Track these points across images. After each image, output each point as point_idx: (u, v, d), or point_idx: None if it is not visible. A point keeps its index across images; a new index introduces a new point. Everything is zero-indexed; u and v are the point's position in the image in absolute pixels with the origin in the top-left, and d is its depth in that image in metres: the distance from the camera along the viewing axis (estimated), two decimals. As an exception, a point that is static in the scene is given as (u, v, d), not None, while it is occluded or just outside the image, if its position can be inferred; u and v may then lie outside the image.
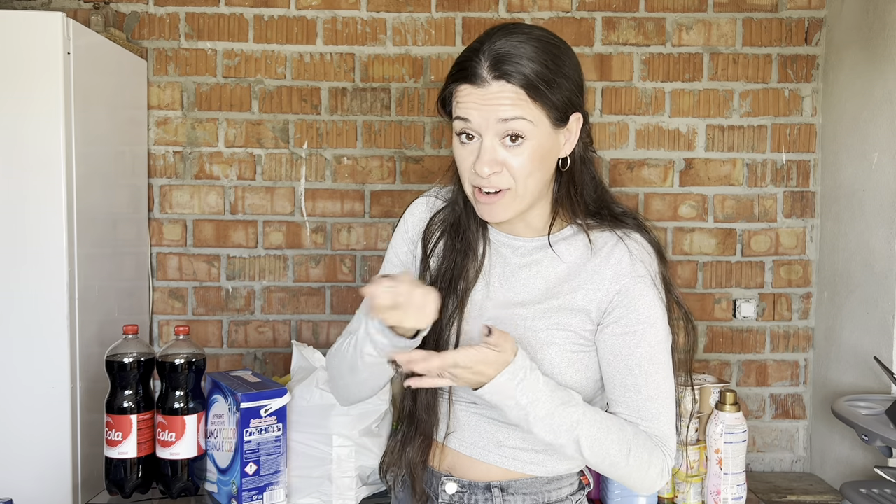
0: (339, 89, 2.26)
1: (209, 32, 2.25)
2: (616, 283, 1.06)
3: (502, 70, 0.99)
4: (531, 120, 1.00)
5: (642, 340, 1.05)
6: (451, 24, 2.25)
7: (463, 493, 1.12)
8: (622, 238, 1.08)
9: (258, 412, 1.52)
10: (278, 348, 2.30)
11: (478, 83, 1.00)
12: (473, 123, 1.01)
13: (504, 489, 1.10)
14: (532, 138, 1.01)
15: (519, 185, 1.02)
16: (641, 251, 1.07)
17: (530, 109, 1.00)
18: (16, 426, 1.69)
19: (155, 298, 2.27)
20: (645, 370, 1.05)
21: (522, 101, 0.99)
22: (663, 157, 2.28)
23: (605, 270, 1.06)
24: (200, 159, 2.27)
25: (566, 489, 1.13)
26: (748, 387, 2.30)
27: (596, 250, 1.08)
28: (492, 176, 1.02)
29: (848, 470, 2.04)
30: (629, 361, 1.05)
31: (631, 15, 2.26)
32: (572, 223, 1.12)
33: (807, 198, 2.28)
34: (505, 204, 1.04)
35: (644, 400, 1.05)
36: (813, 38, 2.26)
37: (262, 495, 1.53)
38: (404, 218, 1.22)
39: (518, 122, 0.99)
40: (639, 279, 1.05)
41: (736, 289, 2.29)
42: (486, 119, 1.00)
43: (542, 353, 1.06)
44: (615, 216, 1.11)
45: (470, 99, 1.01)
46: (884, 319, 1.90)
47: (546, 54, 1.01)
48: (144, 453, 1.63)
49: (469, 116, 1.01)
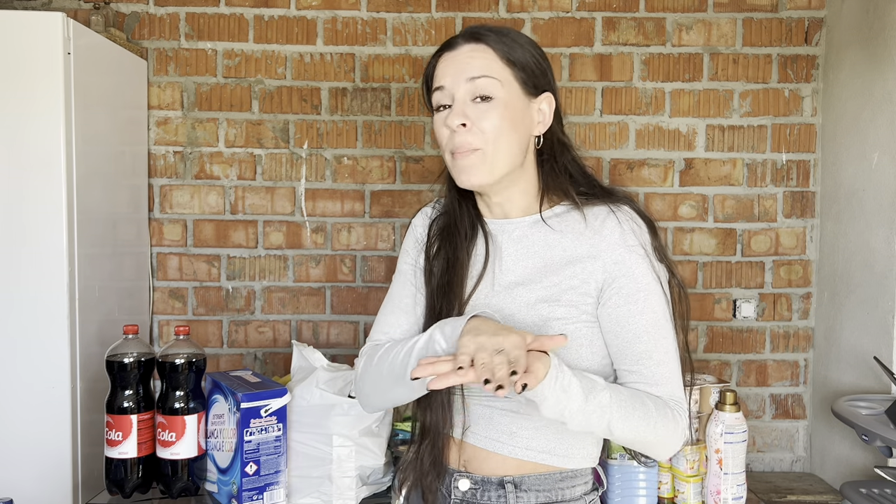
0: (340, 89, 2.26)
1: (209, 32, 2.25)
2: (611, 255, 1.08)
3: (474, 34, 1.10)
4: (499, 79, 1.07)
5: (646, 307, 1.07)
6: (451, 24, 2.25)
7: (476, 489, 1.12)
8: (612, 210, 1.11)
9: (258, 412, 1.52)
10: (278, 348, 2.30)
11: (452, 47, 1.11)
12: (447, 87, 1.08)
13: (517, 485, 1.10)
14: (501, 97, 1.07)
15: (489, 146, 1.07)
16: (631, 222, 1.10)
17: (499, 68, 1.07)
18: (16, 426, 1.69)
19: (155, 298, 2.27)
20: (652, 336, 1.07)
21: (490, 59, 1.07)
22: (663, 157, 2.28)
23: (599, 243, 1.09)
24: (200, 159, 2.27)
25: (580, 488, 1.14)
26: (748, 387, 2.30)
27: (590, 223, 1.10)
28: (462, 131, 1.06)
29: (848, 470, 2.04)
30: (636, 329, 1.07)
31: (631, 15, 2.26)
32: (563, 201, 1.15)
33: (807, 198, 2.28)
34: (477, 163, 1.07)
35: (656, 365, 1.07)
36: (813, 38, 2.26)
37: (262, 495, 1.53)
38: (412, 225, 1.27)
39: (485, 81, 1.07)
40: (631, 249, 1.08)
41: (736, 289, 2.29)
42: (457, 79, 1.07)
43: (546, 330, 1.07)
44: (606, 190, 1.15)
45: (444, 64, 1.10)
46: (884, 319, 1.90)
47: (518, 33, 1.12)
48: (144, 453, 1.63)
49: (443, 82, 1.09)
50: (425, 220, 1.25)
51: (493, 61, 1.07)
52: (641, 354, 1.07)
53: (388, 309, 1.22)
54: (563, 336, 0.98)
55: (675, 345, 1.09)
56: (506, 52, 1.08)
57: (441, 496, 1.15)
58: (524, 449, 1.10)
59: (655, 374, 1.07)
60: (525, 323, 1.08)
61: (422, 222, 1.25)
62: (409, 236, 1.26)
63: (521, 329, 1.02)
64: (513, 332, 0.95)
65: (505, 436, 1.11)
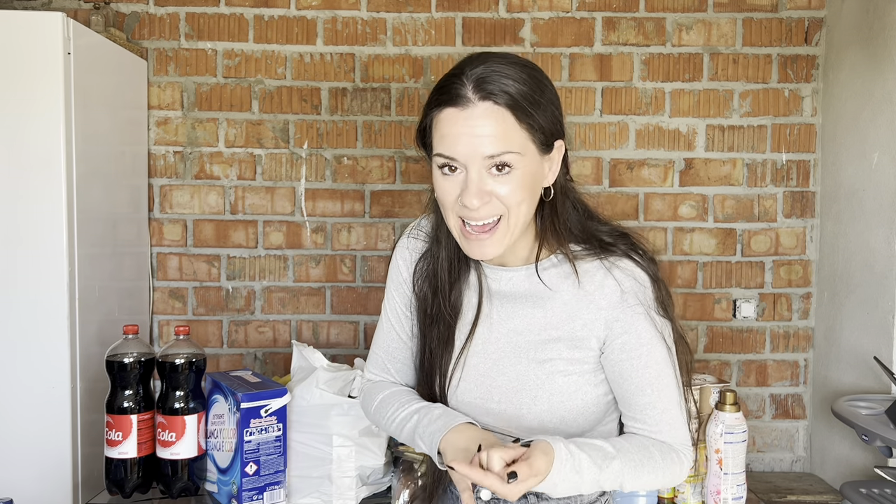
0: (339, 89, 2.26)
1: (209, 32, 2.25)
2: (612, 312, 1.05)
3: (487, 90, 0.95)
4: (518, 151, 0.97)
5: (649, 361, 1.06)
6: (451, 24, 2.25)
7: (498, 499, 1.11)
8: (610, 269, 1.05)
9: (258, 412, 1.52)
10: (278, 348, 2.30)
11: (461, 104, 0.96)
12: (459, 159, 0.97)
13: (539, 496, 1.11)
14: (520, 167, 0.98)
15: (511, 213, 0.99)
16: (632, 282, 1.05)
17: (518, 137, 0.97)
18: (16, 426, 1.69)
19: (155, 298, 2.27)
20: (656, 388, 1.06)
21: (508, 126, 0.96)
22: (663, 157, 2.28)
23: (599, 300, 1.05)
24: (200, 159, 2.27)
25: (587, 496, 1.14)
26: (748, 387, 2.30)
27: (583, 281, 1.06)
28: (481, 208, 0.98)
29: (848, 470, 2.04)
30: (640, 382, 1.06)
31: (631, 15, 2.26)
32: (558, 252, 1.10)
33: (807, 198, 2.28)
34: (498, 237, 1.00)
35: (660, 413, 1.07)
36: (813, 38, 2.26)
37: (262, 495, 1.53)
38: (395, 263, 1.20)
39: (505, 157, 0.96)
40: (632, 308, 1.05)
41: (736, 289, 2.29)
42: (472, 156, 0.96)
43: (548, 383, 1.06)
44: (603, 244, 1.08)
45: (454, 125, 0.96)
46: (884, 319, 1.90)
47: (528, 77, 0.98)
48: (144, 453, 1.63)
49: (454, 154, 0.97)
50: (408, 259, 1.17)
51: (512, 129, 0.96)
52: (646, 406, 1.07)
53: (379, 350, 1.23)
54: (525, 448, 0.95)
55: (678, 390, 1.08)
56: (524, 113, 0.96)
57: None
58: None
59: (660, 423, 1.07)
60: (528, 375, 1.07)
61: (405, 261, 1.18)
62: (391, 275, 1.20)
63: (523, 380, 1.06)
64: (492, 457, 0.92)
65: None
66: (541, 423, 1.07)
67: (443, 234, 1.11)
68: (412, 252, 1.17)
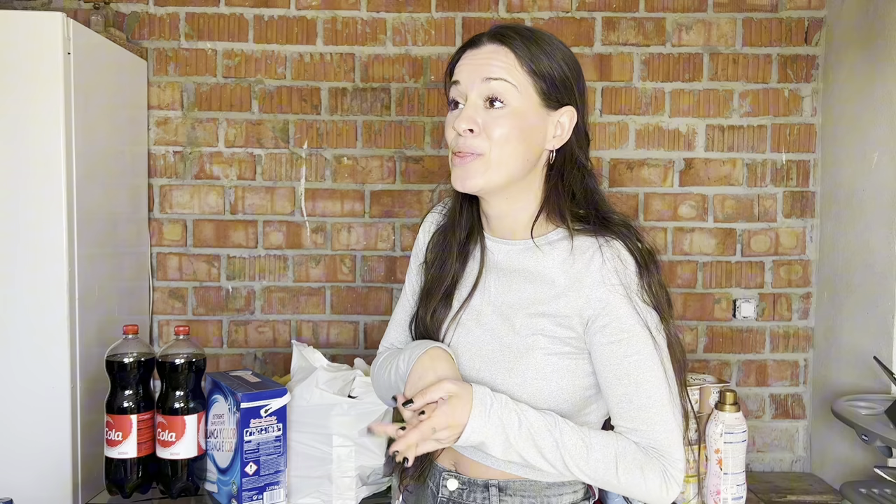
0: (339, 89, 2.26)
1: (209, 32, 2.25)
2: (594, 291, 1.04)
3: (499, 33, 1.06)
4: (515, 84, 1.04)
5: (629, 349, 1.03)
6: (451, 25, 2.25)
7: (462, 489, 1.13)
8: (601, 246, 1.05)
9: (258, 412, 1.52)
10: (278, 348, 2.30)
11: (475, 45, 1.07)
12: (462, 84, 1.06)
13: (502, 489, 1.10)
14: (514, 104, 1.04)
15: (493, 152, 1.04)
16: (615, 260, 1.04)
17: (518, 74, 1.04)
18: (16, 426, 1.69)
19: (155, 298, 2.27)
20: (634, 379, 1.03)
21: (510, 64, 1.04)
22: (663, 157, 2.28)
23: (584, 278, 1.05)
24: (200, 159, 2.27)
25: (567, 497, 1.12)
26: (748, 387, 2.30)
27: (577, 256, 1.06)
28: (468, 135, 1.04)
29: (848, 470, 2.04)
30: (618, 371, 1.04)
31: (631, 15, 2.26)
32: (560, 226, 1.10)
33: (807, 198, 2.28)
34: (475, 169, 1.05)
35: (637, 409, 1.04)
36: (813, 38, 2.26)
37: (262, 495, 1.53)
38: (417, 238, 1.27)
39: (501, 84, 1.03)
40: (612, 289, 1.03)
41: (736, 289, 2.29)
42: (473, 78, 1.05)
43: (526, 357, 1.06)
44: (605, 221, 1.08)
45: (465, 60, 1.07)
46: (884, 319, 1.90)
47: (543, 35, 1.08)
48: (144, 453, 1.63)
49: (459, 77, 1.06)
50: (430, 226, 1.25)
51: (514, 67, 1.04)
52: (622, 396, 1.04)
53: (393, 320, 1.30)
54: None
55: (663, 391, 1.04)
56: (529, 59, 1.04)
57: (430, 493, 1.16)
58: (507, 463, 1.10)
59: (636, 419, 1.04)
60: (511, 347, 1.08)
61: (427, 227, 1.26)
62: (415, 247, 1.28)
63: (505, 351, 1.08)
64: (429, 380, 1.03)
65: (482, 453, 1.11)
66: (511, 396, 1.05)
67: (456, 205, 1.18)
68: (432, 224, 1.25)
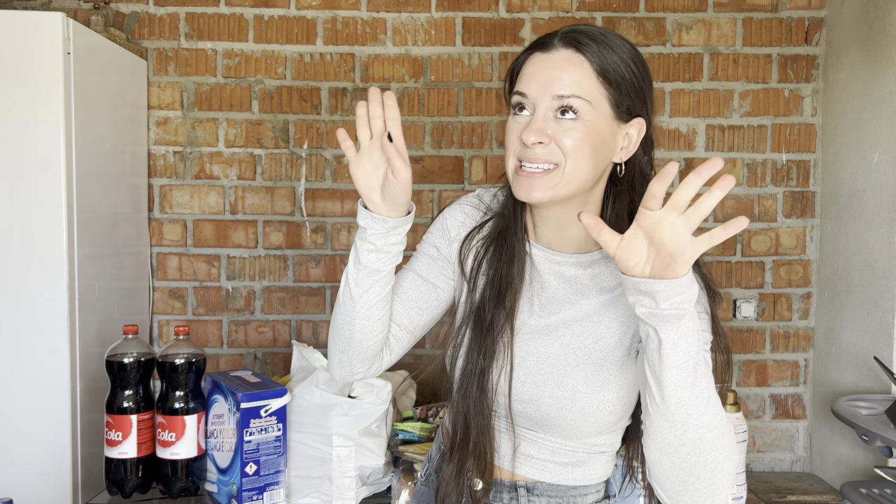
0: (339, 89, 2.26)
1: (209, 32, 2.25)
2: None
3: (572, 38, 0.99)
4: (589, 100, 0.96)
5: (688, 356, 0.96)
6: (451, 24, 2.25)
7: (489, 489, 1.12)
8: None
9: (258, 412, 1.52)
10: (278, 348, 2.30)
11: (546, 49, 1.00)
12: (530, 97, 0.98)
13: (530, 489, 1.11)
14: (587, 118, 0.97)
15: (568, 164, 0.97)
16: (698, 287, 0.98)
17: (591, 86, 0.97)
18: (16, 426, 1.69)
19: (155, 298, 2.27)
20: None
21: (584, 74, 0.97)
22: (663, 157, 2.28)
23: None
24: (200, 159, 2.27)
25: (591, 496, 1.13)
26: (748, 387, 2.30)
27: None
28: (538, 147, 0.97)
29: (848, 470, 2.04)
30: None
31: (631, 15, 2.26)
32: None
33: (807, 198, 2.28)
34: (546, 181, 0.98)
35: None
36: (813, 38, 2.26)
37: (262, 495, 1.53)
38: (444, 217, 1.17)
39: (574, 101, 0.96)
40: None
41: (736, 289, 2.29)
42: (542, 92, 0.97)
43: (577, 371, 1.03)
44: None
45: (534, 66, 0.99)
46: (884, 319, 1.90)
47: (616, 39, 1.00)
48: (144, 453, 1.63)
49: (527, 90, 0.99)
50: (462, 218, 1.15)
51: (587, 77, 0.97)
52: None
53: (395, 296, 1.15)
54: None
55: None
56: (603, 68, 0.97)
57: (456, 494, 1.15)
58: (540, 470, 1.10)
59: None
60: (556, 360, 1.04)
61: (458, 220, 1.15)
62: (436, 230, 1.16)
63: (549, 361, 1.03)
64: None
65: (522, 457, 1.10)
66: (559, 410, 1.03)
67: (510, 203, 1.10)
68: (467, 217, 1.15)
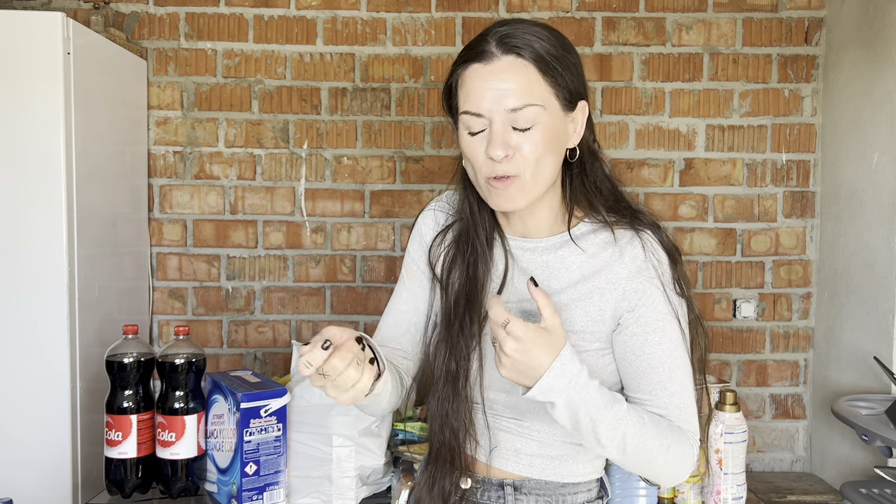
0: (339, 89, 2.26)
1: (209, 32, 2.25)
2: (631, 283, 1.04)
3: (511, 45, 0.98)
4: (541, 104, 0.98)
5: (663, 337, 1.04)
6: (451, 24, 2.25)
7: (477, 488, 1.12)
8: (638, 236, 1.05)
9: (258, 412, 1.52)
10: (278, 348, 2.30)
11: (486, 59, 0.98)
12: (484, 114, 0.98)
13: (517, 488, 1.10)
14: (542, 121, 0.98)
15: (528, 171, 0.99)
16: (653, 254, 1.05)
17: (541, 90, 0.98)
18: (16, 426, 1.69)
19: (155, 298, 2.27)
20: (668, 367, 1.04)
21: (531, 79, 0.97)
22: (663, 157, 2.28)
23: (620, 270, 1.04)
24: (200, 159, 2.27)
25: (582, 495, 1.13)
26: (748, 387, 2.30)
27: (617, 247, 1.05)
28: (504, 161, 0.98)
29: (848, 470, 2.04)
30: (652, 360, 1.04)
31: (631, 15, 2.26)
32: (587, 218, 1.09)
33: (807, 198, 2.28)
34: (516, 190, 1.00)
35: (670, 396, 1.04)
36: (813, 38, 2.26)
37: (262, 495, 1.53)
38: (418, 227, 1.20)
39: (528, 111, 0.97)
40: (650, 280, 1.04)
41: (736, 289, 2.29)
42: (495, 108, 0.97)
43: None
44: (633, 212, 1.08)
45: (478, 80, 0.98)
46: (884, 319, 1.90)
47: (551, 34, 1.01)
48: (144, 453, 1.63)
49: (479, 109, 0.98)
50: (433, 224, 1.18)
51: (534, 81, 0.98)
52: (655, 385, 1.04)
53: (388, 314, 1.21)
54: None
55: (689, 377, 1.06)
56: (546, 65, 0.98)
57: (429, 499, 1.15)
58: (527, 466, 1.10)
59: (669, 405, 1.04)
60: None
61: (429, 226, 1.19)
62: (413, 240, 1.20)
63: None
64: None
65: (509, 453, 1.11)
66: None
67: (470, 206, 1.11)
68: (437, 223, 1.18)
